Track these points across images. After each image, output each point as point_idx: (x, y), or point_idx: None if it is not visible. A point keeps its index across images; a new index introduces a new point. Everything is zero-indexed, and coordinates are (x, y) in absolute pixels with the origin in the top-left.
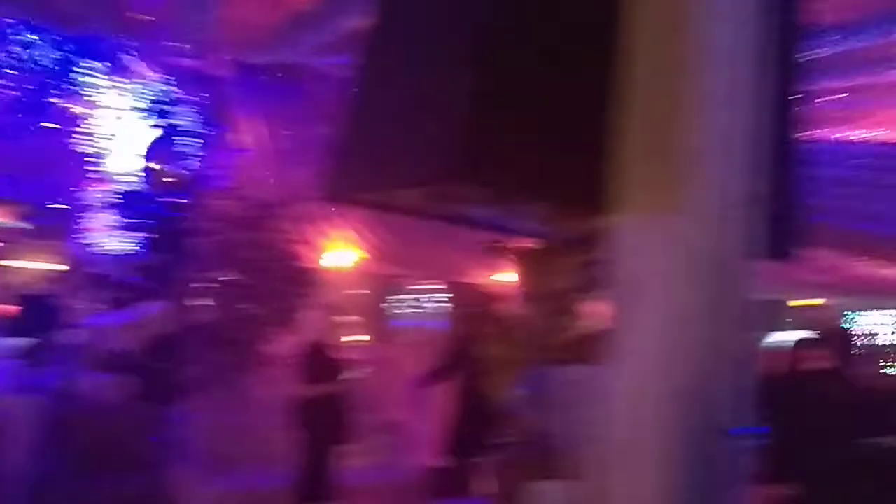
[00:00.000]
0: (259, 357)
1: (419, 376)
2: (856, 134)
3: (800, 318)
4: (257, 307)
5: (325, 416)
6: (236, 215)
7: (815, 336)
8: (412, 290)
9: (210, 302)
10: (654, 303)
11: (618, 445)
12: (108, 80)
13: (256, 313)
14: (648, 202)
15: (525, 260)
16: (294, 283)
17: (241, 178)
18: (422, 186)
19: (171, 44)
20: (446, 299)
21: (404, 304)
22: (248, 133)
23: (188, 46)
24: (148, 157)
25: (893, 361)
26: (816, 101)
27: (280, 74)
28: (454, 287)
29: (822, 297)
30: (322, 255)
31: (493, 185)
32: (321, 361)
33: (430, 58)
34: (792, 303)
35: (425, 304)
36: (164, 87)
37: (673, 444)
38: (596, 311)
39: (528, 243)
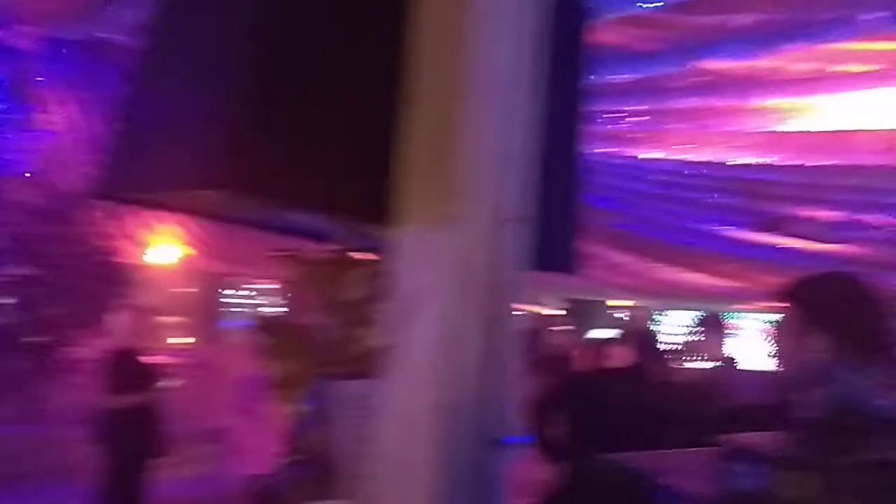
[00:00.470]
0: (62, 362)
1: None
2: (655, 153)
3: (614, 319)
4: (61, 307)
5: (134, 428)
6: (38, 205)
7: (620, 335)
8: (245, 288)
9: (7, 301)
10: (428, 316)
11: (388, 462)
12: None
13: (60, 314)
14: (425, 215)
15: (316, 269)
16: (106, 281)
17: (46, 164)
18: (186, 191)
19: None
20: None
21: (236, 303)
22: (57, 114)
23: None
24: None
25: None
26: (622, 121)
27: (95, 52)
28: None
29: (633, 299)
30: (144, 251)
31: (259, 195)
32: (131, 368)
33: (205, 58)
34: (609, 303)
35: (259, 303)
36: None
37: (443, 458)
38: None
39: (322, 251)
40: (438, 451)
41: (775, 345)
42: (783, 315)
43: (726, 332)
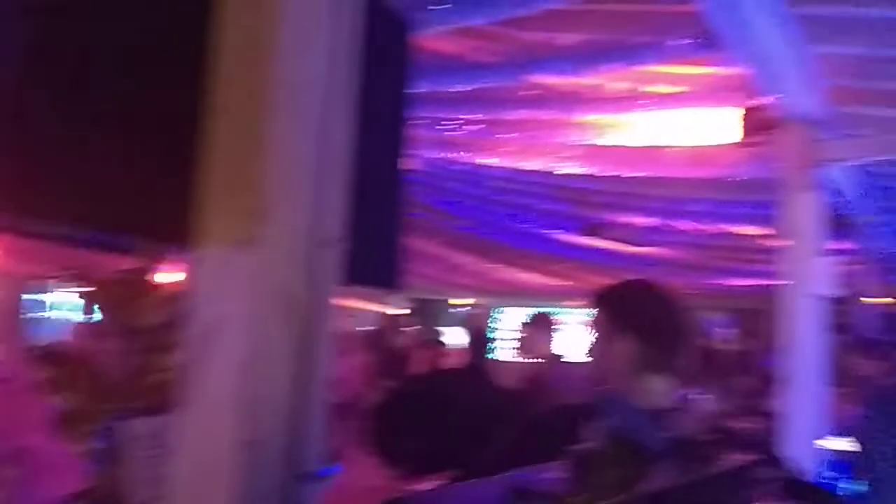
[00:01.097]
0: None
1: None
2: (491, 160)
3: (455, 317)
4: None
5: None
6: None
7: (458, 334)
8: (60, 292)
9: None
10: (228, 345)
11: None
12: None
13: None
14: (227, 236)
15: (108, 290)
16: None
17: None
18: None
19: None
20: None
21: (46, 310)
22: None
23: None
24: None
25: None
26: (460, 128)
27: None
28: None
29: (473, 297)
30: None
31: (42, 216)
32: None
33: None
34: (451, 302)
35: (73, 310)
36: None
37: (247, 496)
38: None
39: (116, 271)
40: (240, 492)
41: (588, 348)
42: (593, 320)
43: (554, 328)
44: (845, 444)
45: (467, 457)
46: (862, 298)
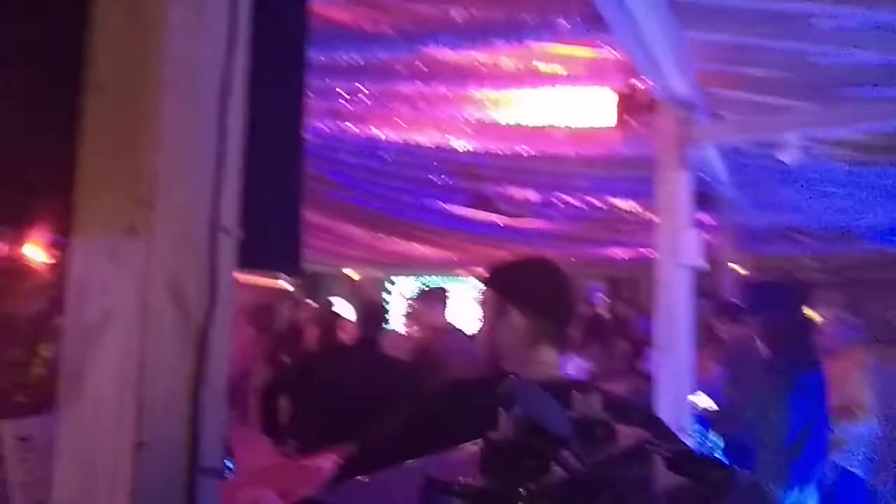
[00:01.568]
0: None
1: None
2: (384, 132)
3: (347, 290)
4: None
5: None
6: None
7: (350, 307)
8: None
9: None
10: (118, 339)
11: None
12: None
13: None
14: (113, 224)
15: None
16: None
17: None
18: None
19: None
20: None
21: None
22: None
23: None
24: None
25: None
26: (354, 99)
27: None
28: None
29: (365, 269)
30: None
31: None
32: None
33: None
34: (344, 274)
35: None
36: None
37: (143, 498)
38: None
39: None
40: (136, 494)
41: (479, 325)
42: (484, 297)
43: (444, 300)
44: (707, 401)
45: (360, 432)
46: (723, 267)
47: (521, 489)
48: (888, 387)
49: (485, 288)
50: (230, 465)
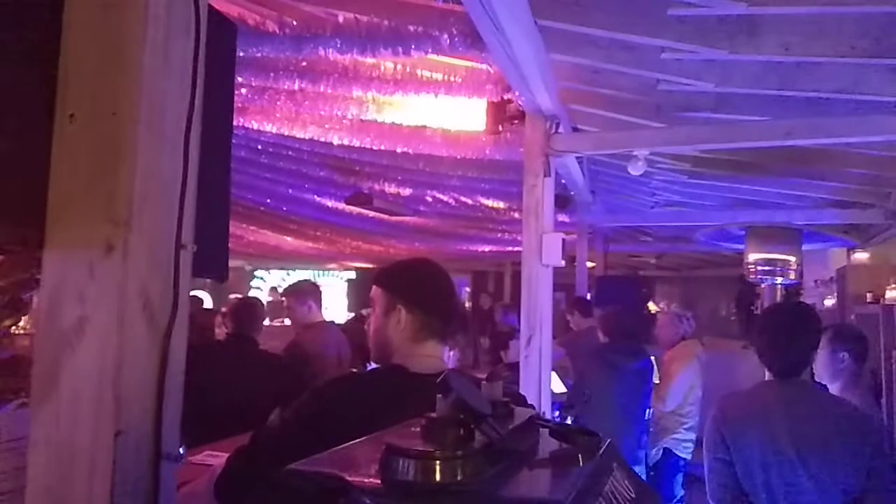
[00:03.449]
0: None
1: None
2: (264, 125)
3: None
4: None
5: None
6: None
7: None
8: None
9: None
10: (95, 345)
11: (46, 501)
12: None
13: None
14: (90, 243)
15: None
16: None
17: None
18: None
19: None
20: None
21: None
22: None
23: None
24: None
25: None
26: (237, 91)
27: None
28: None
29: (235, 261)
30: None
31: None
32: None
33: None
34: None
35: None
36: None
37: (119, 481)
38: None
39: None
40: (113, 477)
41: (368, 323)
42: (373, 297)
43: (315, 295)
44: (559, 386)
45: (233, 429)
46: (577, 264)
47: (457, 452)
48: (716, 374)
49: (374, 287)
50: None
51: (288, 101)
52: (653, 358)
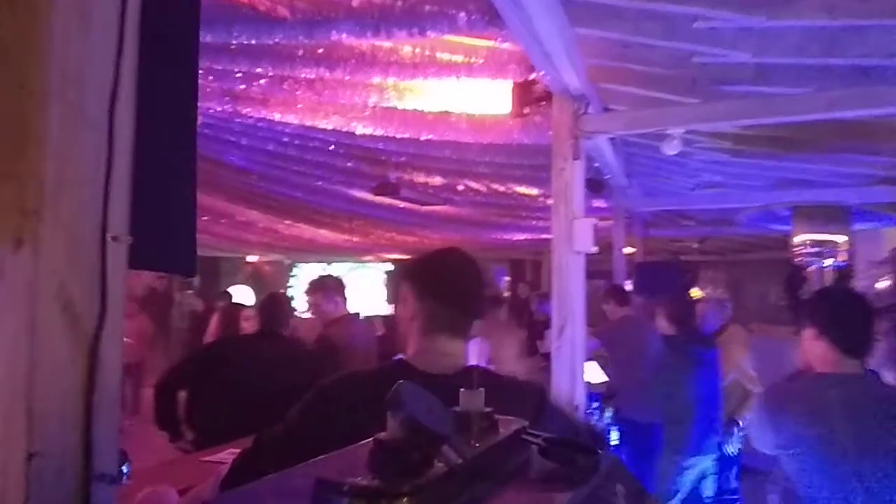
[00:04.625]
0: None
1: None
2: (287, 116)
3: (247, 276)
4: None
5: None
6: None
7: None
8: None
9: None
10: (2, 351)
11: None
12: None
13: None
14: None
15: None
16: None
17: None
18: None
19: None
20: None
21: None
22: None
23: None
24: None
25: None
26: (255, 82)
27: None
28: None
29: (266, 254)
30: None
31: None
32: None
33: None
34: (245, 260)
35: None
36: None
37: None
38: None
39: None
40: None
41: (394, 316)
42: (401, 290)
43: (341, 289)
44: (598, 377)
45: (260, 425)
46: (614, 250)
47: (405, 485)
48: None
49: (401, 283)
50: (125, 470)
51: (308, 91)
52: None
